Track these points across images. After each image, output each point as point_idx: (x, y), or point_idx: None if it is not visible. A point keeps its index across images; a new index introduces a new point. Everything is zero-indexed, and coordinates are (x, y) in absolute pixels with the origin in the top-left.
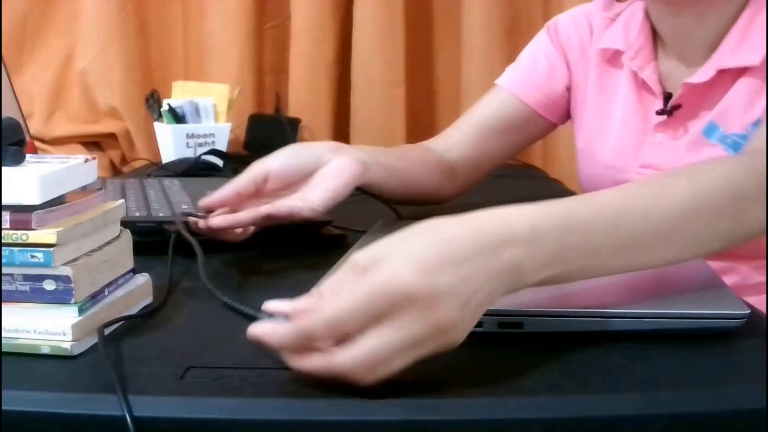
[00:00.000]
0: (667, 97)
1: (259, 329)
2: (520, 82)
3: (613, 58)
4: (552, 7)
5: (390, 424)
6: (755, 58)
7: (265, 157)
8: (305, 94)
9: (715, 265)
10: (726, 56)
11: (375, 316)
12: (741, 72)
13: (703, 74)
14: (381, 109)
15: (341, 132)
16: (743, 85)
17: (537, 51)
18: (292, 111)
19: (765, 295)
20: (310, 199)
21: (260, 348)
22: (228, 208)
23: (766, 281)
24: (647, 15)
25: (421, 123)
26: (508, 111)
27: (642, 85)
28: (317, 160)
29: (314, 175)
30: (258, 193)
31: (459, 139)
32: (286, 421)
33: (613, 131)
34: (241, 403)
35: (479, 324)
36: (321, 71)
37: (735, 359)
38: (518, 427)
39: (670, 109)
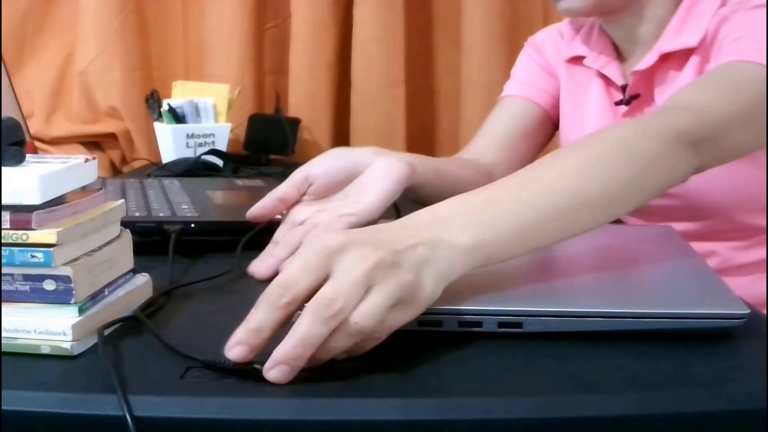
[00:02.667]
0: (625, 88)
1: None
2: (526, 87)
3: (580, 64)
4: (552, 7)
5: (390, 424)
6: (693, 40)
7: (307, 163)
8: (305, 94)
9: (696, 247)
10: (666, 42)
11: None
12: (685, 56)
13: (646, 61)
14: (381, 109)
15: (341, 132)
16: (689, 67)
17: (527, 61)
18: (292, 111)
19: (749, 277)
20: (364, 202)
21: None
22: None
23: (752, 271)
24: (602, 26)
25: (421, 123)
26: (526, 115)
27: (608, 82)
28: (359, 163)
29: (361, 177)
30: (300, 199)
31: (488, 146)
32: (286, 421)
33: (587, 127)
34: (241, 403)
35: (479, 324)
36: (321, 71)
37: (735, 359)
38: (518, 427)
39: (628, 98)
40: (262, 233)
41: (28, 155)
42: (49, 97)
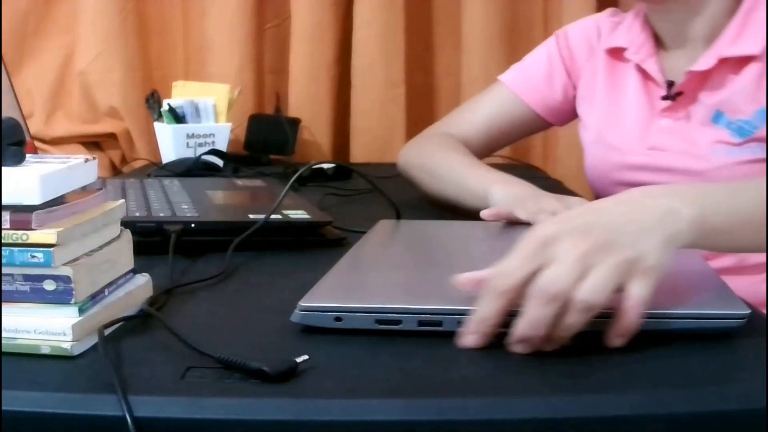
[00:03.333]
0: (670, 84)
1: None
2: (520, 82)
3: (619, 55)
4: (552, 7)
5: (390, 424)
6: (755, 48)
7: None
8: (305, 94)
9: None
10: (726, 46)
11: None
12: (743, 62)
13: (704, 63)
14: (381, 109)
15: (341, 132)
16: (747, 74)
17: (542, 55)
18: (292, 111)
19: (749, 277)
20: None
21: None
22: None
23: (765, 269)
24: (647, 17)
25: (422, 123)
26: (512, 109)
27: (647, 76)
28: None
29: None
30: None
31: (470, 132)
32: (286, 421)
33: (623, 119)
34: (241, 403)
35: None
36: (321, 71)
37: (735, 359)
38: (518, 427)
39: (673, 95)
40: (255, 234)
41: (28, 155)
42: (49, 97)
